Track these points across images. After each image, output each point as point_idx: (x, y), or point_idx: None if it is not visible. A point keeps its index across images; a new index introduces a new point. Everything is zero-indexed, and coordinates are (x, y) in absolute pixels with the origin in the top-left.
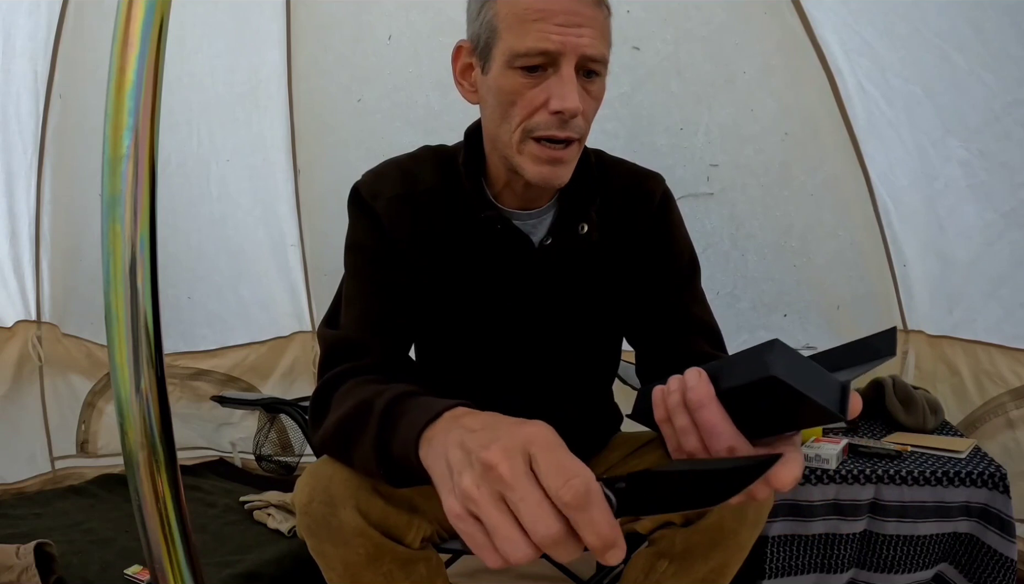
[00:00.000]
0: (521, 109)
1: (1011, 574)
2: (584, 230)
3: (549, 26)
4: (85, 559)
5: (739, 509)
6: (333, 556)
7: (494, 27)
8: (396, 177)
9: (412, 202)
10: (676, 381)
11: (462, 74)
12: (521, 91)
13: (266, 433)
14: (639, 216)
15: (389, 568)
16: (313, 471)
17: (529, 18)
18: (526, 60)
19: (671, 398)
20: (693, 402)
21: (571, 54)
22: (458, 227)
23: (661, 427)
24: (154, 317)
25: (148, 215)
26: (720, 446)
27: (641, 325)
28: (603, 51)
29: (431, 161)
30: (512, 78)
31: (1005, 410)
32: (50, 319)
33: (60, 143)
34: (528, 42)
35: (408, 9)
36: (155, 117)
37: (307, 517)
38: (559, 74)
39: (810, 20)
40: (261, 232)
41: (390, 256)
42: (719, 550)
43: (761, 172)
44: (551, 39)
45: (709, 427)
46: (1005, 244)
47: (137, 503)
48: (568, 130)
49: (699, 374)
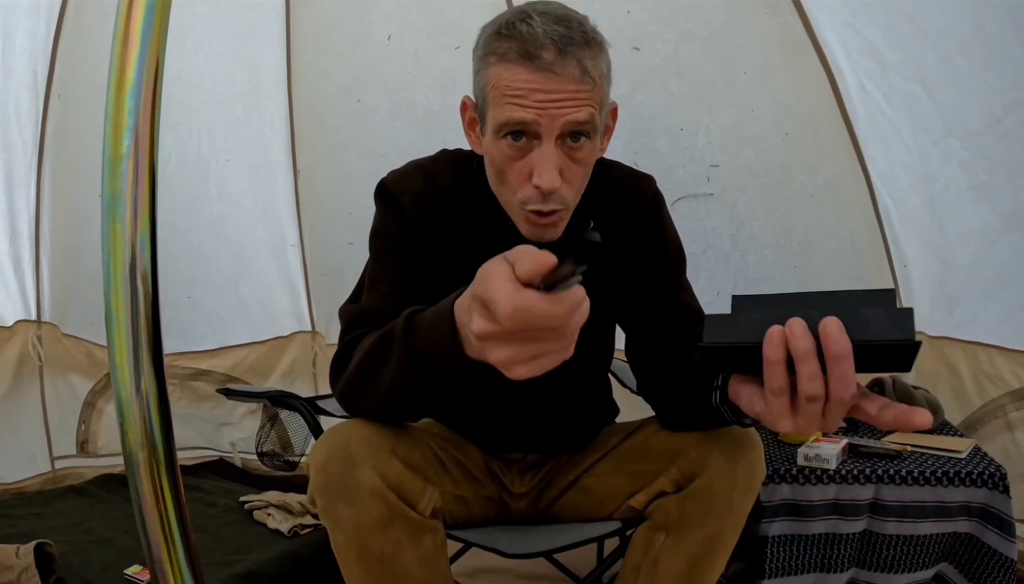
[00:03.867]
0: (512, 179)
1: (1011, 574)
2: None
3: (528, 98)
4: (85, 559)
5: (728, 471)
6: (345, 517)
7: (485, 95)
8: (419, 176)
9: (433, 200)
10: (801, 326)
11: (470, 126)
12: (509, 162)
13: (267, 431)
14: (632, 215)
15: (398, 537)
16: (332, 432)
17: (511, 92)
18: (508, 128)
19: (800, 343)
20: (834, 354)
21: (550, 127)
22: (472, 224)
23: (769, 367)
24: (154, 317)
25: (148, 215)
26: (846, 396)
27: (633, 312)
28: (587, 115)
29: (449, 164)
30: (501, 148)
31: (1005, 412)
32: (50, 319)
33: (60, 143)
34: (508, 112)
35: (408, 9)
36: (155, 117)
37: (323, 475)
38: (541, 148)
39: (810, 20)
40: (261, 232)
41: (413, 246)
42: (713, 516)
43: (761, 173)
44: (530, 112)
45: (845, 379)
46: (1006, 245)
47: (137, 503)
48: (551, 203)
49: (839, 326)
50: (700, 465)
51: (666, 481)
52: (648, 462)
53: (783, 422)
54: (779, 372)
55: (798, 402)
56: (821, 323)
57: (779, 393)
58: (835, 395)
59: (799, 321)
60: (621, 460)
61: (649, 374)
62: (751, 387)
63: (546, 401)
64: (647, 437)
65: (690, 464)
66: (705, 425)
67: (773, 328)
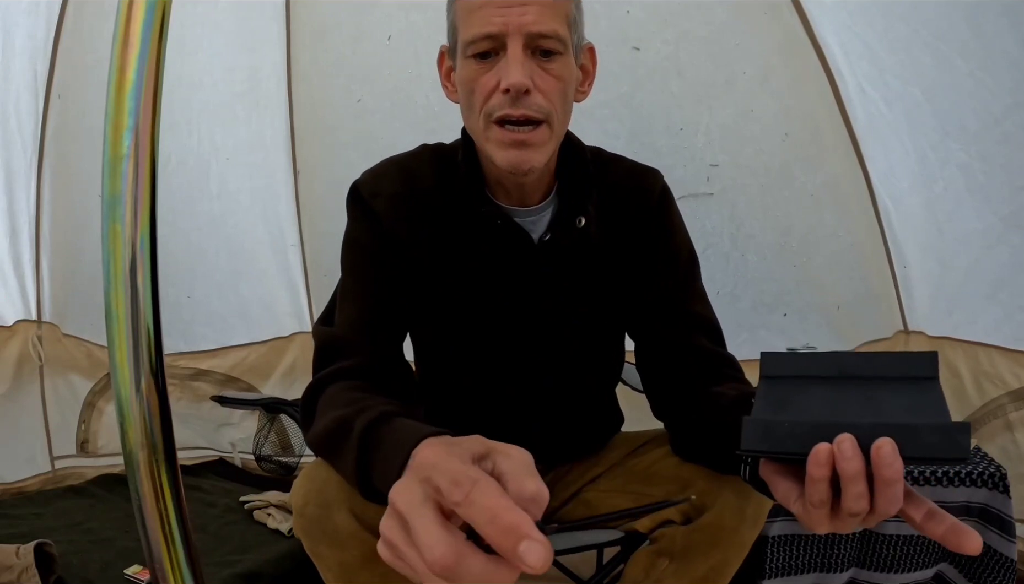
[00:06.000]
0: (479, 95)
1: (1011, 574)
2: (582, 223)
3: (491, 10)
4: (85, 559)
5: (739, 507)
6: (329, 558)
7: (454, 24)
8: (395, 175)
9: (412, 200)
10: (851, 445)
11: (446, 76)
12: (477, 78)
13: (266, 433)
14: (637, 212)
15: (385, 569)
16: (308, 473)
17: (475, 7)
18: (475, 47)
19: (849, 465)
20: (887, 479)
21: (516, 33)
22: (458, 224)
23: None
24: (154, 317)
25: (148, 215)
26: (892, 512)
27: (641, 321)
28: (553, 27)
29: (430, 159)
30: (469, 68)
31: (1004, 412)
32: (50, 319)
33: (60, 143)
34: (474, 28)
35: (408, 9)
36: (155, 117)
37: (302, 519)
38: (507, 55)
39: (810, 21)
40: (261, 231)
41: (388, 254)
42: (719, 548)
43: (761, 173)
44: (493, 21)
45: (893, 501)
46: (1005, 247)
47: (137, 503)
48: (523, 108)
49: (893, 450)
50: (711, 499)
51: (674, 510)
52: (655, 487)
53: (820, 527)
54: (822, 488)
55: (839, 513)
56: (874, 446)
57: (820, 506)
58: (881, 512)
59: (849, 440)
60: (626, 479)
61: (663, 397)
62: (787, 482)
63: (551, 413)
64: (655, 460)
65: (700, 496)
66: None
67: (820, 447)
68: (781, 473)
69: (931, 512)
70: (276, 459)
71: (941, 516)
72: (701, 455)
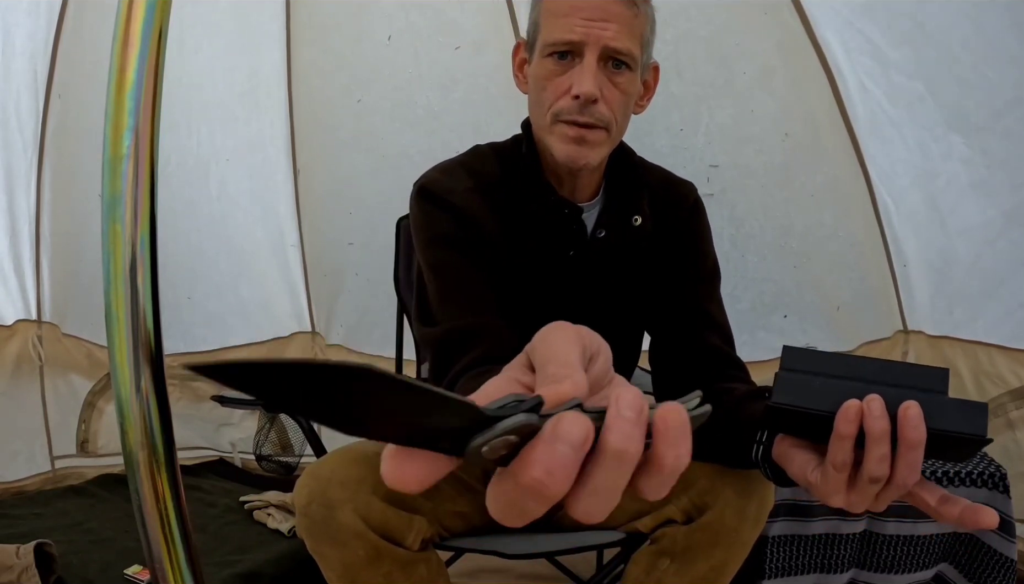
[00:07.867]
0: (550, 94)
1: (1011, 574)
2: (638, 222)
3: (576, 20)
4: (85, 559)
5: (740, 507)
6: (332, 557)
7: (538, 23)
8: (462, 173)
9: (484, 193)
10: (880, 405)
11: (519, 68)
12: (551, 77)
13: (266, 433)
14: (670, 218)
15: (389, 569)
16: (312, 472)
17: (561, 12)
18: (554, 48)
19: (877, 423)
20: (911, 441)
21: (594, 45)
22: (524, 214)
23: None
24: (154, 317)
25: (148, 215)
26: (910, 482)
27: (662, 318)
28: (628, 45)
29: (491, 156)
30: (545, 66)
31: (1005, 411)
32: (50, 319)
33: (60, 143)
34: (556, 33)
35: (408, 9)
36: (155, 117)
37: (306, 518)
38: (582, 63)
39: (810, 20)
40: (261, 232)
41: (474, 243)
42: (720, 548)
43: (761, 173)
44: (575, 30)
45: (914, 467)
46: (1006, 243)
47: (137, 503)
48: (587, 116)
49: (919, 413)
50: (712, 498)
51: (675, 509)
52: None
53: (836, 497)
54: (847, 447)
55: (858, 480)
56: (902, 407)
57: (841, 468)
58: (899, 480)
59: (878, 400)
60: None
61: (673, 392)
62: (805, 454)
63: None
64: None
65: (701, 495)
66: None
67: (850, 402)
68: (798, 446)
69: (945, 496)
70: (276, 459)
71: (955, 499)
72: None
